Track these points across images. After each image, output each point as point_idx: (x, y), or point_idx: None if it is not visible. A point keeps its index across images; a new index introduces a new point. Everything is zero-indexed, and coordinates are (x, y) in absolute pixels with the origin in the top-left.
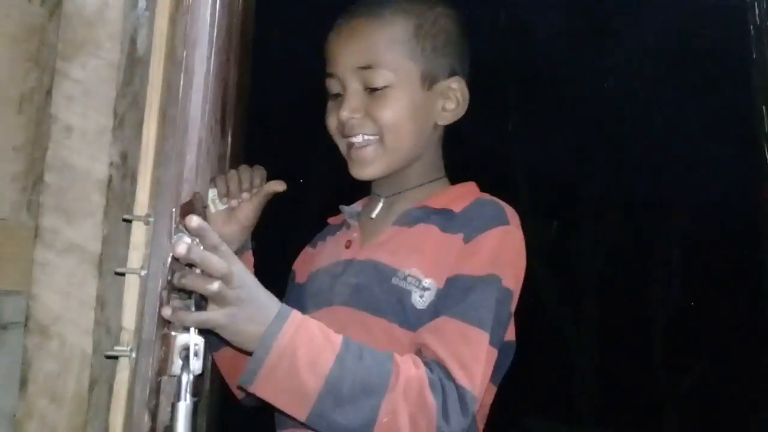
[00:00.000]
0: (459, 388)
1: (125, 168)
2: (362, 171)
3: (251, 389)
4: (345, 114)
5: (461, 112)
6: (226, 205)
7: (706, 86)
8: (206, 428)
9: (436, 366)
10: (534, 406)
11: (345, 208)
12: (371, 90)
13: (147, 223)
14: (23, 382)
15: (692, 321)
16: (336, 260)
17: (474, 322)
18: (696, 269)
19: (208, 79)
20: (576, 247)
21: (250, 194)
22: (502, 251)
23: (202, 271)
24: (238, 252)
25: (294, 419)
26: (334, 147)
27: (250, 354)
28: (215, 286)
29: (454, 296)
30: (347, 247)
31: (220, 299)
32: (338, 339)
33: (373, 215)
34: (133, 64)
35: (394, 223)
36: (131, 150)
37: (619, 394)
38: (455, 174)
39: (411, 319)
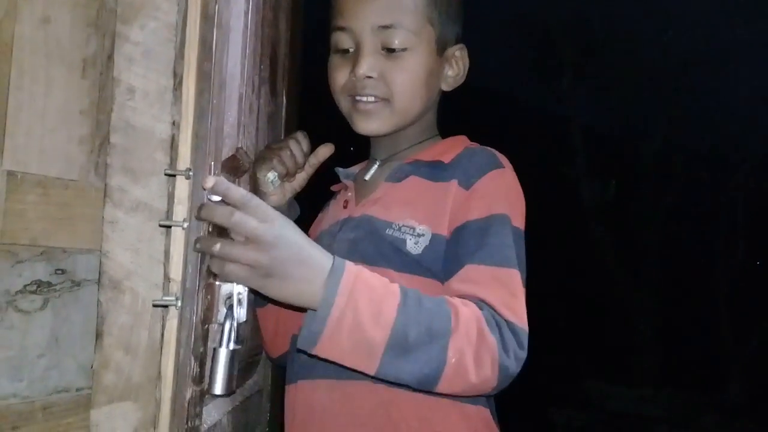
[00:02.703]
0: (509, 324)
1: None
2: (368, 125)
3: (314, 351)
4: (362, 71)
5: (461, 79)
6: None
7: None
8: (270, 382)
9: (483, 304)
10: (594, 369)
11: (340, 170)
12: (388, 51)
13: (188, 177)
14: (99, 335)
15: (758, 280)
16: (335, 220)
17: (502, 263)
18: (761, 227)
19: (246, 35)
20: (636, 207)
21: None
22: (502, 192)
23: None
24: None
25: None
26: None
27: (296, 309)
28: (252, 223)
29: (471, 243)
30: (344, 206)
31: (255, 238)
32: (395, 287)
33: (367, 176)
34: None
35: (386, 180)
36: None
37: (681, 357)
38: (511, 136)
39: (409, 265)
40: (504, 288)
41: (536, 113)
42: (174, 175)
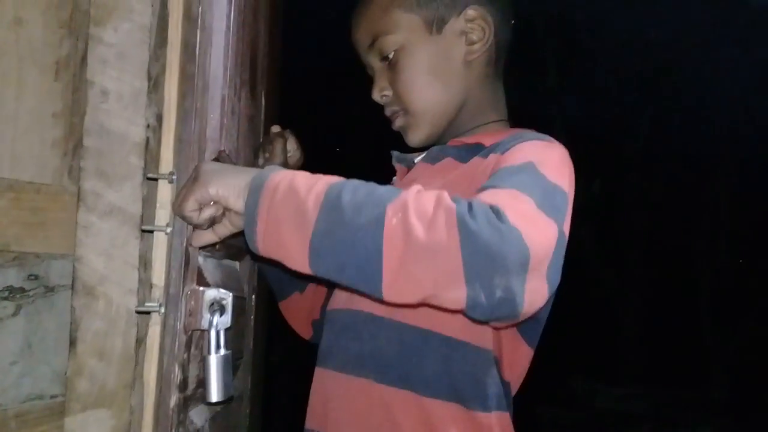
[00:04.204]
0: (492, 206)
1: (161, 130)
2: (409, 140)
3: (257, 224)
4: (374, 95)
5: (490, 37)
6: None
7: (754, 38)
8: (250, 387)
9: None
10: (578, 367)
11: (395, 154)
12: (388, 62)
13: (171, 181)
14: (72, 342)
15: (740, 279)
16: None
17: (507, 186)
18: (743, 226)
19: (228, 37)
20: (619, 205)
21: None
22: (542, 152)
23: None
24: None
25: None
26: (370, 114)
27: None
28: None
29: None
30: None
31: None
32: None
33: (417, 160)
34: (165, 26)
35: (423, 160)
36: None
37: (665, 355)
38: None
39: None
40: (503, 197)
41: (520, 112)
42: (156, 179)
